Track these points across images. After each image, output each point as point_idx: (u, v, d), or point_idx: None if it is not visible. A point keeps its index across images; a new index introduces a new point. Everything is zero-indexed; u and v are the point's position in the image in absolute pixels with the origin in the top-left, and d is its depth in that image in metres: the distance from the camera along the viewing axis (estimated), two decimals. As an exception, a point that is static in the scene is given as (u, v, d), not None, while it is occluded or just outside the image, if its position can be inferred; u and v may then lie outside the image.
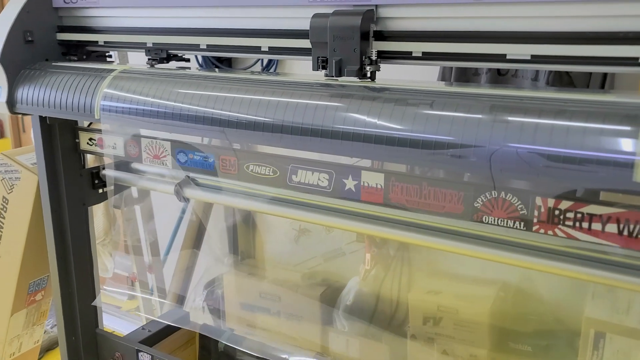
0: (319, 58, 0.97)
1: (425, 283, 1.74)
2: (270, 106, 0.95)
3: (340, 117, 0.89)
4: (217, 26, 1.11)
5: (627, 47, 0.79)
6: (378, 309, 1.83)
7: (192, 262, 2.08)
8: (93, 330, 1.47)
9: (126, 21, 1.21)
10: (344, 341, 1.80)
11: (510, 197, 0.92)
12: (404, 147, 0.85)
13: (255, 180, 1.14)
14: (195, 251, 2.08)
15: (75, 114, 1.16)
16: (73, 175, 1.36)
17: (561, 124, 0.75)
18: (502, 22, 0.87)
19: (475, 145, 0.80)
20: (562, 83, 1.40)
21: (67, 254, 1.39)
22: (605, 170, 0.72)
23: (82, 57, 1.33)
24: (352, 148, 0.88)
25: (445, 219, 0.98)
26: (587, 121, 0.74)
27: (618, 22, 0.79)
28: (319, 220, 1.12)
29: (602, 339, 1.40)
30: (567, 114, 0.75)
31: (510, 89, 0.88)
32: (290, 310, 1.86)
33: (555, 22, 0.83)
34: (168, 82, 1.06)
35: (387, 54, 0.96)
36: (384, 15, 0.95)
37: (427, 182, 0.97)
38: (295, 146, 0.95)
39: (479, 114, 0.80)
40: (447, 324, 1.65)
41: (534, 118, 0.77)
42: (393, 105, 0.86)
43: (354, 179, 1.03)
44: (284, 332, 1.87)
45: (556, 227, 0.90)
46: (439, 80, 1.59)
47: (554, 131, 0.75)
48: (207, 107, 0.99)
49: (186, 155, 1.21)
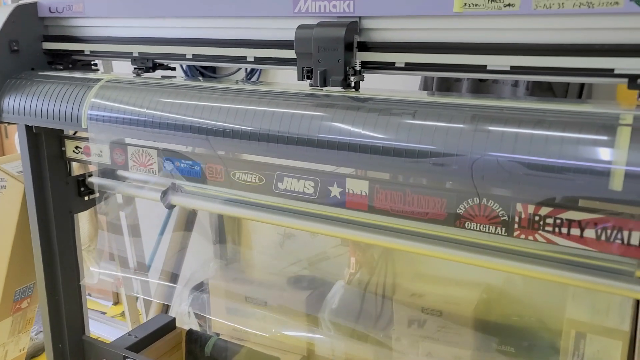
0: (304, 68, 0.99)
1: (410, 286, 1.77)
2: (257, 116, 0.96)
3: (325, 127, 0.91)
4: (203, 36, 1.12)
5: (603, 59, 0.82)
6: (363, 311, 1.85)
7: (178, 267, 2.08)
8: (80, 337, 1.47)
9: (112, 31, 1.22)
10: (329, 344, 1.82)
11: (492, 204, 0.94)
12: (387, 156, 0.87)
13: (241, 188, 1.15)
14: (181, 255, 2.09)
15: (62, 123, 1.16)
16: (59, 183, 1.36)
17: (540, 133, 0.77)
18: (482, 34, 0.89)
19: (456, 154, 0.82)
20: (541, 89, 1.43)
21: (53, 262, 1.39)
22: (583, 179, 0.74)
23: (68, 66, 1.33)
24: (337, 157, 0.90)
25: (428, 225, 1.00)
26: (565, 131, 0.76)
27: (594, 34, 0.82)
28: (305, 226, 1.13)
29: (582, 339, 1.43)
30: (546, 124, 0.78)
31: (491, 99, 0.90)
32: (276, 314, 1.87)
33: (533, 35, 0.86)
34: (155, 92, 1.07)
35: (371, 64, 0.98)
36: (368, 26, 0.97)
37: (410, 189, 1.00)
38: (281, 155, 0.97)
39: (461, 124, 0.82)
40: (431, 326, 1.68)
41: (513, 127, 0.79)
42: (377, 115, 0.88)
43: (339, 186, 1.05)
44: (271, 336, 1.89)
45: (536, 232, 0.92)
46: (421, 87, 1.62)
47: (533, 140, 0.78)
48: (194, 116, 1.00)
49: (173, 163, 1.22)
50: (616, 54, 0.81)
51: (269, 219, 1.18)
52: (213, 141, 1.01)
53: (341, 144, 0.90)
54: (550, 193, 0.80)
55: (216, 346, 1.66)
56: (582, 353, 1.43)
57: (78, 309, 1.46)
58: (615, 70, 0.82)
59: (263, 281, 1.93)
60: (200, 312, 2.03)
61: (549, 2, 0.82)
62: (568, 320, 1.44)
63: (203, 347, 1.67)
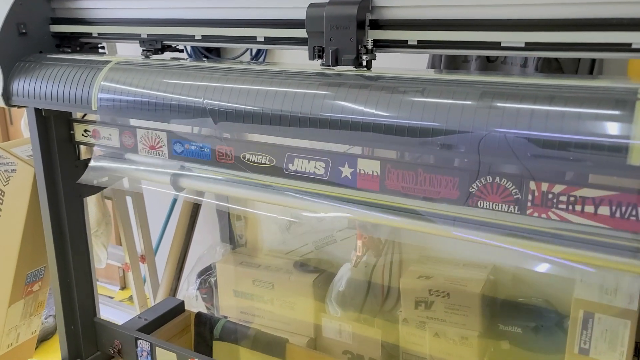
0: (315, 47, 0.98)
1: (417, 268, 1.77)
2: (270, 96, 0.96)
3: (337, 106, 0.91)
4: (212, 17, 1.11)
5: (621, 34, 0.81)
6: (370, 294, 1.86)
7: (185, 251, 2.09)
8: (91, 319, 1.48)
9: (120, 12, 1.21)
10: (336, 327, 1.84)
11: (505, 182, 0.94)
12: (402, 135, 0.87)
13: (251, 169, 1.15)
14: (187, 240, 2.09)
15: (72, 105, 1.16)
16: (69, 166, 1.36)
17: (556, 109, 0.77)
18: (496, 10, 0.88)
19: (470, 131, 0.82)
20: (550, 69, 1.42)
21: (64, 245, 1.39)
22: (601, 154, 0.74)
23: (76, 49, 1.32)
24: (350, 137, 0.90)
25: (440, 205, 1.00)
26: (582, 106, 0.76)
27: (612, 8, 0.81)
28: (316, 208, 1.13)
29: (591, 319, 1.44)
30: (562, 100, 0.77)
31: (504, 76, 0.90)
32: (283, 297, 1.88)
33: (549, 9, 0.85)
34: (165, 73, 1.07)
35: (383, 42, 0.97)
36: (379, 4, 0.96)
37: (422, 169, 0.99)
38: (293, 135, 0.97)
39: (474, 101, 0.82)
40: (438, 307, 1.69)
41: (528, 104, 0.79)
42: (390, 93, 0.88)
43: (350, 166, 1.05)
44: (277, 318, 1.90)
45: (549, 210, 0.92)
46: (429, 68, 1.61)
47: (549, 117, 0.77)
48: (205, 97, 1.00)
49: (182, 146, 1.22)
50: (634, 27, 0.80)
51: (279, 201, 1.18)
52: (225, 123, 1.01)
53: (354, 123, 0.89)
54: (566, 170, 0.79)
55: (225, 328, 1.67)
56: (590, 333, 1.44)
57: (89, 291, 1.47)
58: (633, 44, 0.81)
59: (270, 264, 1.94)
60: (208, 296, 2.04)
61: (565, -23, 0.82)
62: (576, 300, 1.44)
63: (212, 330, 1.68)
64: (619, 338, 1.40)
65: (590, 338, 1.44)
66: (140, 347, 1.41)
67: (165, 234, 2.28)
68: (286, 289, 1.89)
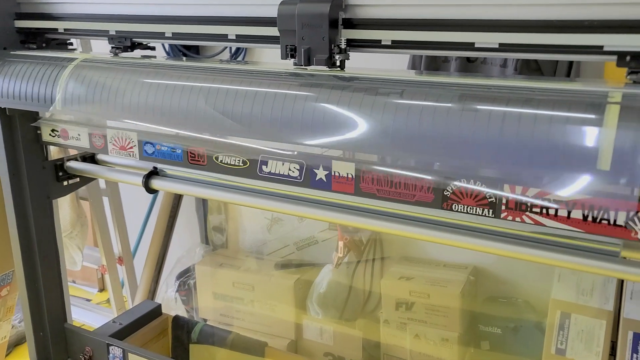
0: (287, 46, 0.96)
1: (398, 269, 1.76)
2: (238, 96, 0.93)
3: (308, 107, 0.88)
4: (183, 13, 1.08)
5: (592, 36, 0.80)
6: (351, 295, 1.84)
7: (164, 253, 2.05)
8: (61, 325, 1.44)
9: (88, 7, 1.17)
10: (318, 328, 1.82)
11: (479, 185, 0.92)
12: (373, 137, 0.85)
13: (224, 171, 1.12)
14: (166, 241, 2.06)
15: (34, 104, 1.12)
16: (36, 167, 1.32)
17: (528, 112, 0.75)
18: (470, 10, 0.86)
19: (442, 134, 0.80)
20: (529, 70, 1.41)
21: (31, 248, 1.35)
22: (571, 158, 0.73)
23: (42, 45, 1.28)
24: (321, 138, 0.87)
25: (416, 208, 0.99)
26: (554, 109, 0.74)
27: (584, 10, 0.80)
28: (290, 210, 1.11)
29: (567, 319, 1.44)
30: (534, 103, 0.76)
31: (478, 78, 0.88)
32: (264, 299, 1.86)
33: (522, 10, 0.83)
34: (132, 72, 1.03)
35: (357, 42, 0.95)
36: (353, 2, 0.94)
37: (397, 172, 0.97)
38: (263, 137, 0.94)
39: (448, 103, 0.80)
40: (418, 308, 1.67)
41: (501, 106, 0.77)
42: (362, 94, 0.86)
43: (325, 169, 1.03)
44: (258, 320, 1.87)
45: (523, 213, 0.91)
46: (409, 68, 1.59)
47: (522, 120, 0.76)
48: (172, 98, 0.97)
49: (153, 147, 1.18)
50: (605, 30, 0.79)
51: (253, 203, 1.15)
52: (194, 123, 0.98)
53: (325, 124, 0.87)
54: (537, 173, 0.78)
55: (203, 332, 1.64)
56: (566, 333, 1.43)
57: (59, 296, 1.42)
58: (604, 47, 0.79)
59: (250, 266, 1.91)
60: (187, 298, 2.01)
61: (539, -23, 0.80)
62: (553, 300, 1.44)
63: (190, 333, 1.65)
64: (595, 338, 1.40)
65: (567, 339, 1.44)
66: (112, 354, 1.38)
67: (144, 235, 2.25)
68: (267, 291, 1.86)
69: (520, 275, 1.68)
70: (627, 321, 1.34)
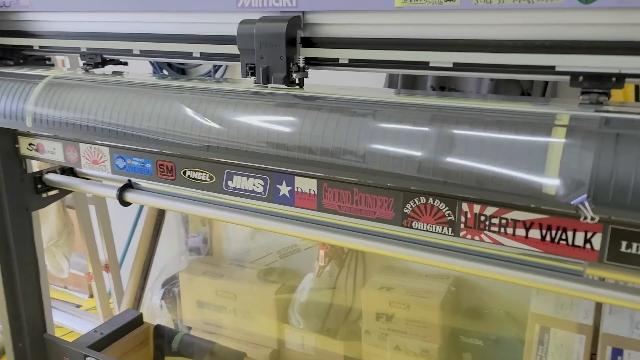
0: (247, 65, 0.96)
1: (378, 279, 1.76)
2: (191, 117, 0.94)
3: (255, 127, 0.89)
4: (149, 31, 1.09)
5: (544, 56, 0.80)
6: (333, 305, 1.84)
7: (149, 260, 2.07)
8: (41, 335, 1.45)
9: (59, 25, 1.19)
10: (299, 338, 1.82)
11: (438, 203, 0.92)
12: (319, 155, 0.85)
13: (193, 186, 1.13)
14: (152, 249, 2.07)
15: (7, 121, 1.14)
16: (14, 180, 1.33)
17: (474, 134, 0.75)
18: (424, 30, 0.87)
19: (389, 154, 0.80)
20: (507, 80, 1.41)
21: (10, 260, 1.37)
22: (517, 182, 0.73)
23: (19, 62, 1.30)
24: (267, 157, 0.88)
25: (377, 224, 0.99)
26: (501, 132, 0.74)
27: (535, 30, 0.80)
28: (256, 224, 1.12)
29: (546, 333, 1.43)
30: (481, 124, 0.76)
31: (429, 97, 0.88)
32: (245, 308, 1.86)
33: (475, 30, 0.83)
34: (97, 90, 1.04)
35: (315, 60, 0.96)
36: (311, 21, 0.94)
37: (357, 188, 0.98)
38: (222, 156, 0.95)
39: (395, 123, 0.80)
40: (399, 319, 1.67)
41: (450, 127, 0.77)
42: (316, 112, 0.86)
43: (287, 184, 1.03)
44: (240, 329, 1.88)
45: (482, 232, 0.91)
46: (387, 81, 1.59)
47: (469, 141, 0.76)
48: (130, 115, 0.98)
49: (124, 161, 1.19)
50: (557, 50, 0.79)
51: (221, 217, 1.16)
52: (155, 140, 0.99)
53: (269, 143, 0.88)
54: (486, 195, 0.78)
55: (183, 341, 1.65)
56: (546, 347, 1.42)
57: (38, 307, 1.44)
58: (556, 67, 0.79)
59: (233, 274, 1.92)
60: (172, 306, 2.02)
61: (489, -3, 0.80)
62: (532, 314, 1.43)
63: (170, 343, 1.66)
64: (574, 353, 1.39)
65: (547, 353, 1.43)
66: (89, 364, 1.39)
67: (132, 242, 2.26)
68: (248, 300, 1.87)
69: (502, 286, 1.67)
70: (606, 336, 1.33)
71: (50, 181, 1.38)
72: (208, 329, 1.93)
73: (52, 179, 1.37)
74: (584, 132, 0.70)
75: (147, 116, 0.97)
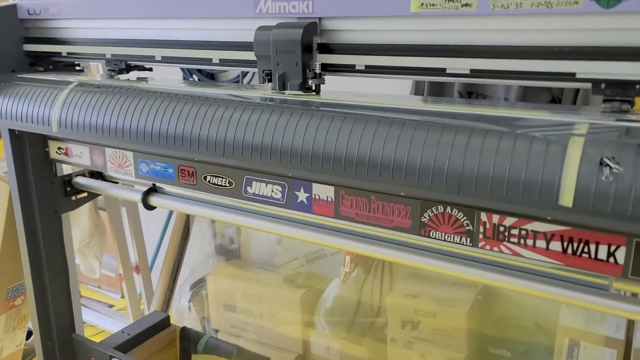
0: (264, 71, 0.96)
1: (405, 286, 1.73)
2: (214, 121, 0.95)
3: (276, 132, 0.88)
4: (170, 38, 1.10)
5: (564, 62, 0.77)
6: (359, 311, 1.82)
7: (179, 262, 2.10)
8: (69, 335, 1.49)
9: (86, 32, 1.22)
10: (324, 344, 1.81)
11: (456, 213, 0.90)
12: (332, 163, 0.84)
13: (212, 191, 1.14)
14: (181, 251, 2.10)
15: (36, 126, 1.17)
16: (44, 183, 1.37)
17: (491, 143, 0.73)
18: (440, 36, 0.85)
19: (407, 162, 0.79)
20: (534, 86, 1.36)
21: (40, 262, 1.41)
22: (532, 194, 0.70)
23: (49, 68, 1.34)
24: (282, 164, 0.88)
25: (394, 232, 0.97)
26: (516, 142, 0.72)
27: (554, 36, 0.77)
28: (274, 229, 1.12)
29: (576, 347, 1.38)
30: (496, 134, 0.73)
31: (447, 104, 0.86)
32: (271, 312, 1.86)
33: (492, 36, 0.81)
34: (120, 95, 1.06)
35: (332, 67, 0.95)
36: (328, 27, 0.93)
37: (375, 196, 0.96)
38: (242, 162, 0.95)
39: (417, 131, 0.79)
40: (425, 328, 1.64)
41: (464, 137, 0.75)
42: (330, 120, 0.85)
43: (305, 191, 1.03)
44: (266, 333, 1.88)
45: (501, 243, 0.88)
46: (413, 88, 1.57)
47: (483, 151, 0.73)
48: (150, 121, 0.99)
49: (147, 165, 1.21)
50: (577, 56, 0.76)
51: (241, 222, 1.16)
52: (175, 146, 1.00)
53: (284, 150, 0.87)
54: (502, 206, 0.75)
55: (208, 344, 1.67)
56: (576, 361, 1.37)
57: (67, 308, 1.48)
58: (577, 74, 0.76)
59: (260, 278, 1.93)
60: (200, 308, 2.04)
61: (507, 2, 0.77)
62: (561, 327, 1.38)
63: (196, 345, 1.68)
64: (605, 368, 1.34)
65: (576, 367, 1.38)
66: (115, 365, 1.42)
67: (162, 244, 2.30)
68: (274, 304, 1.87)
69: (531, 297, 1.61)
70: (639, 351, 1.27)
71: (78, 184, 1.42)
72: (234, 332, 1.94)
73: (80, 182, 1.41)
74: (602, 142, 0.68)
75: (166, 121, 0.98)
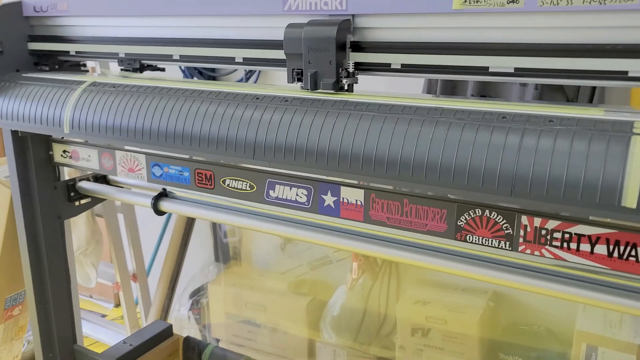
0: (294, 70, 0.93)
1: (414, 292, 1.70)
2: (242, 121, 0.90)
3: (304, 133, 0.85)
4: (190, 36, 1.06)
5: (616, 61, 0.75)
6: (366, 319, 1.79)
7: (178, 270, 2.04)
8: (71, 346, 1.43)
9: (97, 30, 1.17)
10: (330, 352, 1.77)
11: (495, 216, 0.88)
12: (373, 164, 0.81)
13: (232, 195, 1.09)
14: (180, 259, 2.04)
15: (44, 127, 1.11)
16: (47, 188, 1.31)
17: (545, 144, 0.71)
18: (484, 33, 0.82)
19: (453, 162, 0.76)
20: (551, 89, 1.36)
21: (42, 269, 1.34)
22: (592, 194, 0.68)
23: (54, 67, 1.28)
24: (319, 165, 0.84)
25: (428, 237, 0.94)
26: (573, 141, 0.69)
27: (606, 33, 0.75)
28: (298, 236, 1.08)
29: (594, 353, 1.36)
30: (552, 134, 0.71)
31: (490, 103, 0.83)
32: (276, 321, 1.82)
33: (539, 34, 0.79)
34: (137, 96, 1.01)
35: (365, 65, 0.92)
36: (361, 25, 0.90)
37: (408, 199, 0.93)
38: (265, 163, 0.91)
39: (459, 131, 0.76)
40: (435, 335, 1.61)
41: (517, 136, 0.73)
42: (369, 120, 0.82)
43: (333, 195, 0.99)
44: (270, 342, 1.84)
45: (543, 247, 0.86)
46: (425, 88, 1.55)
47: (538, 152, 0.71)
48: (174, 122, 0.95)
49: (161, 169, 1.16)
50: (630, 54, 0.74)
51: (261, 227, 1.12)
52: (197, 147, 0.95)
53: (320, 150, 0.83)
54: (555, 209, 0.73)
55: (213, 354, 1.61)
56: (593, 367, 1.36)
57: (69, 318, 1.41)
58: (629, 72, 0.74)
59: (263, 286, 1.88)
60: (200, 317, 1.98)
61: (557, -1, 0.75)
62: (578, 332, 1.37)
63: (200, 355, 1.62)
64: (624, 374, 1.33)
65: (594, 372, 1.36)
66: (119, 377, 1.36)
67: (159, 252, 2.23)
68: (279, 312, 1.83)
69: (543, 302, 1.60)
70: (658, 356, 1.27)
71: (83, 189, 1.36)
72: (237, 341, 1.89)
73: (85, 186, 1.35)
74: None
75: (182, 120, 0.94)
